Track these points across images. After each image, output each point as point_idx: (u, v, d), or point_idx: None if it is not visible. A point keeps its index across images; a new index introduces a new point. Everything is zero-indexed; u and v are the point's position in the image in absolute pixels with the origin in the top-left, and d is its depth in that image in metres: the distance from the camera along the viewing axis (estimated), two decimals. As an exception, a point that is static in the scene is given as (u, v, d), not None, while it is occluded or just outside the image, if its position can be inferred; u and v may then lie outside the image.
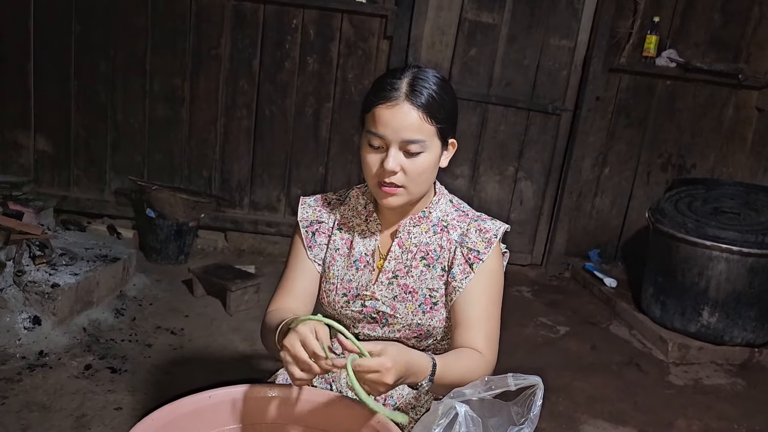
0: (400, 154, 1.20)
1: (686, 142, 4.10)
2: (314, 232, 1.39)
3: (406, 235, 1.34)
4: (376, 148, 1.22)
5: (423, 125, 1.19)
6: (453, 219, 1.35)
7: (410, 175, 1.22)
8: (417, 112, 1.18)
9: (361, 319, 1.34)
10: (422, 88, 1.19)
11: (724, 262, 2.97)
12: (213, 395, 1.13)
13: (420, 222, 1.34)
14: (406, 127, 1.18)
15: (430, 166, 1.23)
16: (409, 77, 1.20)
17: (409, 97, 1.18)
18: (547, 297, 3.76)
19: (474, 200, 4.00)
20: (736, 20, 3.92)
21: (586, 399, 2.60)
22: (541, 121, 3.94)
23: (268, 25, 3.59)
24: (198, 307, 3.00)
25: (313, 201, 1.42)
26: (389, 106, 1.18)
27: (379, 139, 1.20)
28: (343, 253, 1.37)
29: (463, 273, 1.29)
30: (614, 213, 4.20)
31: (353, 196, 1.41)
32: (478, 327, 1.27)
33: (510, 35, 3.78)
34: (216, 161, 3.77)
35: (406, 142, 1.19)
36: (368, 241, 1.36)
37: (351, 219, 1.39)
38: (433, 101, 1.19)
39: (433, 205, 1.35)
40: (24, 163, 3.66)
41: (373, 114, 1.20)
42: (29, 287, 2.48)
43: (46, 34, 3.49)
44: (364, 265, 1.35)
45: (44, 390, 2.15)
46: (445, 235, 1.33)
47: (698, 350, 3.07)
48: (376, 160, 1.22)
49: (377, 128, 1.20)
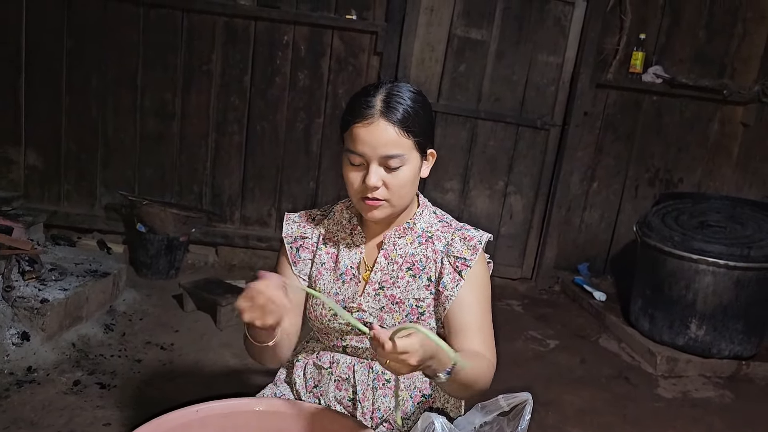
0: (381, 170, 1.22)
1: (673, 156, 4.15)
2: (298, 247, 1.40)
3: (391, 247, 1.35)
4: (357, 166, 1.24)
5: (400, 140, 1.20)
6: (437, 230, 1.36)
7: (392, 188, 1.23)
8: (393, 128, 1.19)
9: (348, 332, 1.35)
10: (396, 103, 1.20)
11: (711, 275, 3.00)
12: (200, 409, 1.13)
13: (405, 233, 1.36)
14: (383, 143, 1.20)
15: (411, 178, 1.25)
16: (383, 94, 1.21)
17: (384, 113, 1.19)
18: (537, 310, 3.77)
19: (464, 214, 4.02)
20: (721, 37, 3.99)
21: (575, 412, 2.61)
22: (530, 136, 3.99)
23: (260, 41, 3.62)
24: (188, 322, 2.99)
25: (297, 217, 1.44)
26: (365, 125, 1.20)
27: (359, 157, 1.22)
28: (328, 267, 1.38)
29: (453, 281, 1.30)
30: (603, 227, 4.24)
31: (337, 210, 1.43)
32: (476, 332, 1.28)
33: (499, 51, 3.83)
34: (207, 176, 3.78)
35: (385, 157, 1.21)
36: (353, 254, 1.37)
37: (336, 233, 1.40)
38: (409, 115, 1.21)
39: (417, 216, 1.37)
40: (14, 178, 3.65)
41: (350, 133, 1.22)
42: (18, 302, 2.47)
43: (37, 50, 3.50)
44: (350, 278, 1.36)
45: (32, 406, 2.14)
46: (430, 245, 1.35)
47: (686, 363, 3.09)
48: (358, 176, 1.24)
49: (356, 147, 1.21)
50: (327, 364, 1.37)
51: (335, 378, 1.36)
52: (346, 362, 1.36)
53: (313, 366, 1.39)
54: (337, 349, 1.38)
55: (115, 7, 3.50)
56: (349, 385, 1.35)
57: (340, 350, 1.38)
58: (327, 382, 1.36)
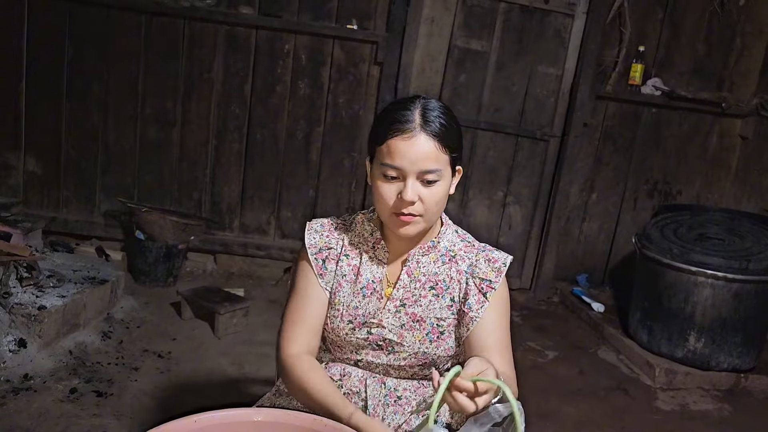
0: (418, 184, 1.21)
1: (672, 168, 4.16)
2: (324, 259, 1.36)
3: (415, 264, 1.34)
4: (391, 180, 1.22)
5: (439, 155, 1.20)
6: (460, 249, 1.36)
7: (427, 204, 1.23)
8: (433, 142, 1.19)
9: (365, 346, 1.34)
10: (434, 117, 1.20)
11: (710, 287, 3.01)
12: (198, 419, 1.12)
13: (429, 251, 1.35)
14: (423, 157, 1.19)
15: (445, 194, 1.25)
16: (420, 108, 1.21)
17: (423, 127, 1.19)
18: (536, 321, 3.77)
19: (463, 225, 3.93)
20: (719, 50, 4.01)
21: (573, 424, 2.60)
22: (530, 146, 4.00)
23: (261, 50, 3.64)
24: (186, 331, 2.98)
25: (320, 226, 1.40)
26: (405, 138, 1.19)
27: (396, 170, 1.21)
28: (349, 279, 1.35)
29: (478, 303, 1.30)
30: (602, 238, 4.24)
31: (358, 221, 1.40)
32: (498, 352, 1.28)
33: (499, 62, 3.85)
34: (206, 184, 3.78)
35: (423, 172, 1.20)
36: (376, 269, 1.35)
37: (358, 245, 1.37)
38: (445, 130, 1.21)
39: (442, 235, 1.37)
40: (13, 183, 3.65)
41: (388, 146, 1.20)
42: (15, 309, 2.46)
43: (38, 57, 3.51)
44: (371, 293, 1.34)
45: (28, 414, 2.13)
46: (453, 265, 1.35)
47: (685, 375, 3.09)
48: (392, 191, 1.22)
49: (394, 160, 1.20)
50: (337, 376, 1.35)
51: (345, 391, 1.33)
52: (358, 376, 1.35)
53: None
54: (349, 362, 1.37)
55: (117, 14, 3.51)
56: (359, 398, 1.33)
57: (352, 363, 1.37)
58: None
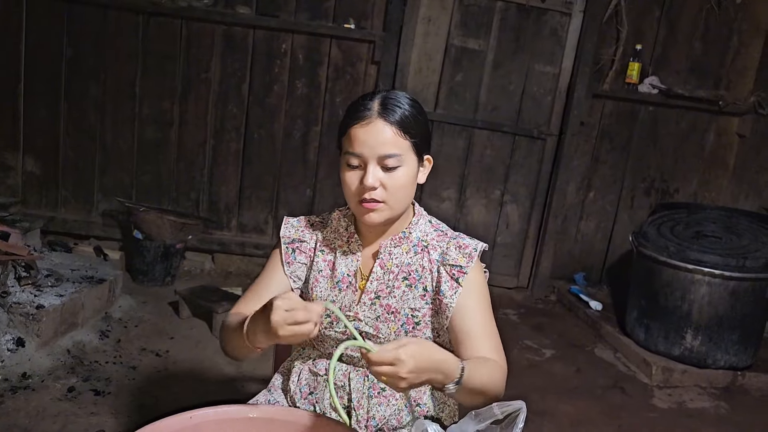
0: (379, 170, 1.24)
1: (669, 167, 4.17)
2: (294, 249, 1.41)
3: (387, 256, 1.35)
4: (354, 168, 1.25)
5: (398, 140, 1.23)
6: (432, 239, 1.37)
7: (390, 189, 1.25)
8: (391, 128, 1.22)
9: (343, 340, 1.35)
10: (394, 106, 1.24)
11: (706, 285, 3.01)
12: (194, 416, 1.13)
13: (401, 242, 1.36)
14: (381, 142, 1.22)
15: (409, 180, 1.27)
16: (380, 98, 1.25)
17: (381, 114, 1.22)
18: (533, 320, 3.77)
19: (460, 223, 4.03)
20: (716, 49, 4.02)
21: (570, 422, 2.60)
22: (527, 145, 4.00)
23: (258, 50, 3.64)
24: (184, 329, 2.99)
25: (297, 221, 1.45)
26: (363, 125, 1.22)
27: (357, 158, 1.24)
28: (326, 274, 1.38)
29: (451, 289, 1.31)
30: (599, 236, 4.25)
31: (335, 218, 1.43)
32: (482, 338, 1.28)
33: (495, 61, 3.85)
34: (204, 183, 3.79)
35: (383, 157, 1.22)
36: (350, 262, 1.37)
37: (333, 241, 1.41)
38: (406, 118, 1.24)
39: (413, 225, 1.38)
40: (12, 183, 3.65)
41: (349, 135, 1.25)
42: (14, 308, 2.47)
43: (37, 57, 3.51)
44: (346, 286, 1.36)
45: (26, 412, 2.14)
46: (425, 255, 1.35)
47: (682, 373, 3.09)
48: (355, 178, 1.25)
49: (354, 148, 1.23)
50: (323, 371, 1.37)
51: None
52: (342, 370, 1.36)
53: (309, 373, 1.39)
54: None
55: (115, 15, 3.51)
56: (344, 392, 1.35)
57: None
58: (323, 389, 1.36)
